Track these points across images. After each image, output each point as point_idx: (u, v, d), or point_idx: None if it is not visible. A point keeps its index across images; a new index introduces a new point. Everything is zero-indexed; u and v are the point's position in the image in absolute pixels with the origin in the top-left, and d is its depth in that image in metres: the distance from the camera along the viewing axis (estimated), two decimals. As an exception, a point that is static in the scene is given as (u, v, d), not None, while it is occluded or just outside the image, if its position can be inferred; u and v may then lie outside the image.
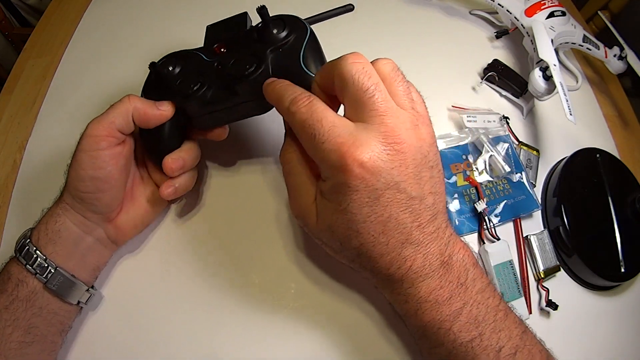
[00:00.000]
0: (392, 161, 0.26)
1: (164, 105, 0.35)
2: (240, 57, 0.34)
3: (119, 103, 0.34)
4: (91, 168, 0.33)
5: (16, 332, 0.31)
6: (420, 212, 0.27)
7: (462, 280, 0.28)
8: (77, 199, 0.34)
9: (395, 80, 0.28)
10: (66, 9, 0.58)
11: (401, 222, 0.27)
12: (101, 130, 0.33)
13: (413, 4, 0.57)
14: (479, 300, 0.28)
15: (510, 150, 0.45)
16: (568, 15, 0.51)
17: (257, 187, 0.42)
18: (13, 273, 0.32)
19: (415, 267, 0.28)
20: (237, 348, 0.36)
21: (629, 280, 0.41)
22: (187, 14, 0.55)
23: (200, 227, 0.41)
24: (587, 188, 0.44)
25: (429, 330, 0.28)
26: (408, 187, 0.26)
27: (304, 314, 0.37)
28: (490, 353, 0.27)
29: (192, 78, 0.35)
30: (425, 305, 0.28)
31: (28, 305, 0.32)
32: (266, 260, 0.39)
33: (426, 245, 0.28)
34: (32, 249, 0.32)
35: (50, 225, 0.34)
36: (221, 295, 0.38)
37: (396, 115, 0.27)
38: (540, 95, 0.44)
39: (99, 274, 0.37)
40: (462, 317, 0.27)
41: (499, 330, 0.28)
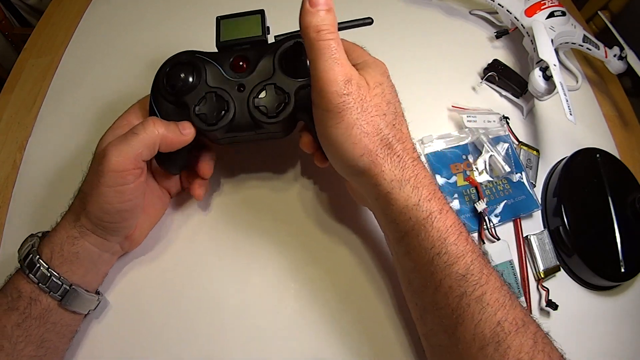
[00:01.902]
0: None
1: (186, 128, 0.34)
2: (267, 90, 0.33)
3: (144, 131, 0.32)
4: (118, 202, 0.32)
5: (28, 347, 0.31)
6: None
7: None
8: (99, 227, 0.33)
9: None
10: (66, 9, 0.58)
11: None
12: (127, 165, 0.31)
13: (413, 4, 0.57)
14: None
15: (510, 150, 0.45)
16: (568, 15, 0.51)
17: (258, 187, 0.42)
18: (24, 291, 0.31)
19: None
20: (237, 348, 0.36)
21: (629, 280, 0.41)
22: (187, 14, 0.55)
23: (200, 228, 0.41)
24: (587, 188, 0.44)
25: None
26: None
27: (304, 314, 0.37)
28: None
29: (214, 102, 0.33)
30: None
31: (41, 322, 0.32)
32: (266, 260, 0.39)
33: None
34: (44, 267, 0.32)
35: (67, 247, 0.33)
36: (221, 296, 0.38)
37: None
38: (540, 95, 0.44)
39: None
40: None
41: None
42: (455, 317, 0.29)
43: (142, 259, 0.39)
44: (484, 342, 0.28)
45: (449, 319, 0.29)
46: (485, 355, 0.28)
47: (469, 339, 0.28)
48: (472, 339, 0.28)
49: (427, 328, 0.32)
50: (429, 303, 0.31)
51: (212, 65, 0.35)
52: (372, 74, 0.32)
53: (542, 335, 0.29)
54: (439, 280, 0.30)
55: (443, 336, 0.30)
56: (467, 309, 0.28)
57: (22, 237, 0.40)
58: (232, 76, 0.34)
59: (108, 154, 0.31)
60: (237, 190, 0.42)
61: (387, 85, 0.33)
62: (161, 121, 0.33)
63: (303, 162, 0.44)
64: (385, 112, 0.31)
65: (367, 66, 0.33)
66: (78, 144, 0.45)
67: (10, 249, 0.40)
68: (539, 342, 0.28)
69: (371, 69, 0.33)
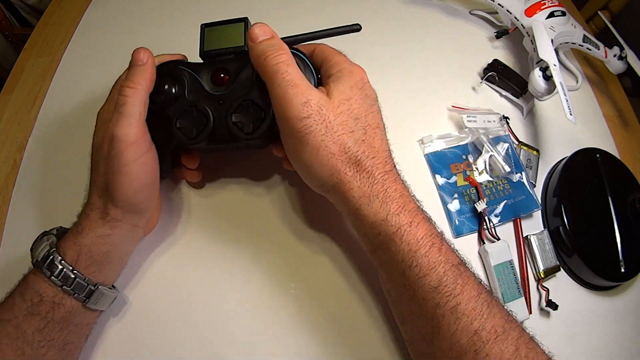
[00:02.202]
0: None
1: (141, 52, 0.34)
2: (244, 105, 0.33)
3: (128, 94, 0.31)
4: (145, 174, 0.32)
5: (51, 351, 0.31)
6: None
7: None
8: (130, 211, 0.33)
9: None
10: (66, 9, 0.58)
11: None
12: (137, 131, 0.31)
13: (413, 4, 0.57)
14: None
15: (510, 150, 0.45)
16: (568, 15, 0.51)
17: (259, 188, 0.42)
18: (46, 295, 0.31)
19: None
20: (237, 348, 0.36)
21: (629, 280, 0.41)
22: (186, 14, 0.55)
23: (200, 228, 0.41)
24: (587, 188, 0.44)
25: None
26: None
27: (304, 314, 0.37)
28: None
29: (194, 116, 0.34)
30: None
31: (64, 325, 0.31)
32: (266, 261, 0.39)
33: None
34: (69, 269, 0.31)
35: (97, 248, 0.32)
36: (221, 295, 0.38)
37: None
38: (540, 95, 0.44)
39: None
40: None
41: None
42: (431, 327, 0.29)
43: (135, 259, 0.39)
44: (461, 351, 0.28)
45: (425, 329, 0.30)
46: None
47: (446, 348, 0.28)
48: (449, 348, 0.28)
49: (408, 335, 0.33)
50: (406, 313, 0.31)
51: (193, 77, 0.35)
52: (341, 88, 0.31)
53: (526, 341, 0.28)
54: (413, 292, 0.30)
55: (422, 344, 0.30)
56: (442, 319, 0.28)
57: (22, 237, 0.40)
58: (213, 89, 0.35)
59: (114, 133, 0.31)
60: (237, 191, 0.42)
61: (356, 99, 0.32)
62: (133, 78, 0.32)
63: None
64: (352, 129, 0.31)
65: (339, 79, 0.32)
66: (78, 144, 0.45)
67: (11, 249, 0.40)
68: (521, 347, 0.28)
69: (342, 82, 0.32)
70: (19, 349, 0.29)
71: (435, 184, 0.43)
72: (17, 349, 0.29)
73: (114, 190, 0.32)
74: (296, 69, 0.31)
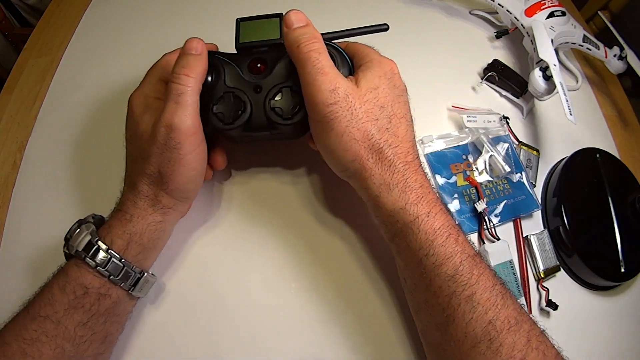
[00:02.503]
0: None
1: (193, 41, 0.33)
2: (283, 92, 0.34)
3: (185, 85, 0.31)
4: (201, 164, 0.33)
5: (92, 346, 0.30)
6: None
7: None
8: (181, 199, 0.34)
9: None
10: (66, 9, 0.58)
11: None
12: (195, 123, 0.31)
13: (413, 4, 0.57)
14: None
15: (510, 150, 0.45)
16: (568, 15, 0.51)
17: (259, 188, 0.42)
18: (92, 287, 0.30)
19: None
20: (237, 348, 0.36)
21: (629, 280, 0.41)
22: (187, 14, 0.55)
23: (200, 228, 0.41)
24: (587, 188, 0.44)
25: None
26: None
27: (304, 314, 0.37)
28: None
29: (232, 102, 0.34)
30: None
31: (108, 317, 0.31)
32: (266, 260, 0.39)
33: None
34: (117, 259, 0.31)
35: (148, 235, 0.32)
36: (221, 295, 0.38)
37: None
38: (540, 95, 0.44)
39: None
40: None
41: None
42: (446, 315, 0.29)
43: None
44: (476, 340, 0.28)
45: (440, 317, 0.30)
46: (478, 352, 0.28)
47: (461, 337, 0.29)
48: (463, 337, 0.28)
49: (422, 324, 0.33)
50: (422, 301, 0.32)
51: (230, 66, 0.35)
52: (369, 77, 0.32)
53: (537, 333, 0.29)
54: (429, 280, 0.30)
55: (436, 333, 0.31)
56: (458, 308, 0.29)
57: (22, 237, 0.40)
58: (250, 77, 0.35)
59: (174, 124, 0.30)
60: (238, 191, 0.42)
61: (383, 88, 0.32)
62: (191, 67, 0.32)
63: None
64: (377, 117, 0.32)
65: (369, 68, 0.33)
66: (78, 144, 0.45)
67: (11, 248, 0.40)
68: (533, 340, 0.28)
69: (371, 71, 0.33)
70: (58, 347, 0.29)
71: (435, 184, 0.43)
72: (56, 347, 0.28)
73: (170, 179, 0.32)
74: (327, 57, 0.31)
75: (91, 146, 0.45)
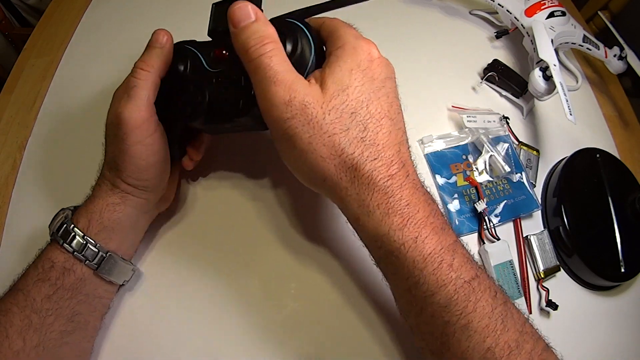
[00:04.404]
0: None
1: (162, 34, 0.34)
2: (236, 81, 0.31)
3: (140, 79, 0.31)
4: (150, 155, 0.33)
5: (58, 320, 0.30)
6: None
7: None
8: (139, 188, 0.34)
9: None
10: (66, 9, 0.58)
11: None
12: (144, 115, 0.31)
13: (413, 4, 0.57)
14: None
15: (510, 150, 0.45)
16: (568, 15, 0.51)
17: (260, 188, 0.42)
18: (57, 261, 0.31)
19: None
20: (237, 348, 0.36)
21: (629, 280, 0.41)
22: (187, 14, 0.55)
23: (200, 228, 0.41)
24: (587, 188, 0.44)
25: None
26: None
27: (304, 314, 0.37)
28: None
29: (192, 93, 0.33)
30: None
31: (73, 293, 0.31)
32: (266, 260, 0.39)
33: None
34: (80, 235, 0.31)
35: (107, 214, 0.33)
36: (221, 295, 0.38)
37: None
38: (540, 95, 0.44)
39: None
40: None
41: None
42: (440, 343, 0.27)
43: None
44: None
45: (434, 345, 0.28)
46: None
47: None
48: None
49: (419, 344, 0.31)
50: (414, 325, 0.30)
51: (195, 55, 0.34)
52: (337, 75, 0.27)
53: (539, 352, 0.27)
54: (420, 308, 0.28)
55: (432, 358, 0.29)
56: (452, 336, 0.27)
57: (22, 237, 0.40)
58: (213, 67, 0.34)
59: (122, 116, 0.31)
60: (238, 191, 0.42)
61: (355, 86, 0.27)
62: (148, 61, 0.32)
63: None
64: (347, 126, 0.27)
65: (337, 60, 0.28)
66: (78, 144, 0.45)
67: (10, 248, 0.40)
68: (535, 359, 0.27)
69: (340, 64, 0.27)
70: (26, 318, 0.29)
71: (435, 184, 0.43)
72: (24, 318, 0.29)
73: (121, 167, 0.32)
74: (281, 60, 0.27)
75: (91, 146, 0.45)
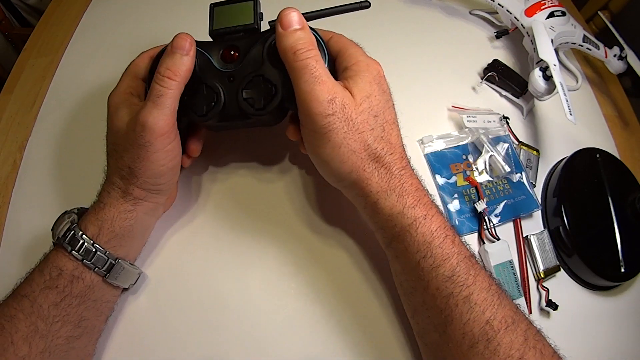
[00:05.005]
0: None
1: (185, 38, 0.33)
2: (255, 81, 0.33)
3: (167, 88, 0.31)
4: (170, 160, 0.33)
5: (65, 327, 0.31)
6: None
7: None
8: (153, 192, 0.34)
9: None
10: (66, 9, 0.58)
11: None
12: (169, 124, 0.32)
13: (413, 4, 0.57)
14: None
15: (510, 150, 0.45)
16: (568, 15, 0.51)
17: (260, 187, 0.42)
18: (66, 268, 0.31)
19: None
20: (237, 348, 0.36)
21: (629, 280, 0.41)
22: (187, 14, 0.55)
23: (200, 227, 0.41)
24: (587, 188, 0.44)
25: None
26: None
27: (304, 314, 0.37)
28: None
29: (204, 93, 0.34)
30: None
31: (82, 300, 0.31)
32: (266, 260, 0.39)
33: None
34: (89, 243, 0.31)
35: (119, 222, 0.33)
36: (220, 295, 0.38)
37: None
38: (540, 95, 0.44)
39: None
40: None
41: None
42: (444, 316, 0.30)
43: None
44: (474, 340, 0.28)
45: (438, 318, 0.30)
46: (476, 353, 0.28)
47: (459, 337, 0.29)
48: (461, 337, 0.29)
49: (419, 327, 0.33)
50: (419, 303, 0.32)
51: (203, 55, 0.35)
52: (360, 85, 0.32)
53: (534, 332, 0.29)
54: (426, 282, 0.30)
55: (434, 335, 0.31)
56: (455, 308, 0.29)
57: (22, 237, 0.40)
58: (223, 67, 0.35)
59: (147, 123, 0.31)
60: (239, 190, 0.42)
61: (375, 95, 0.32)
62: (175, 69, 0.32)
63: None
64: (372, 126, 0.32)
65: (357, 74, 0.32)
66: (78, 144, 0.45)
67: (10, 248, 0.40)
68: (530, 339, 0.28)
69: (360, 77, 0.32)
70: (32, 324, 0.30)
71: (435, 184, 0.43)
72: (30, 324, 0.30)
73: (138, 174, 0.32)
74: (323, 65, 0.31)
75: (91, 146, 0.45)
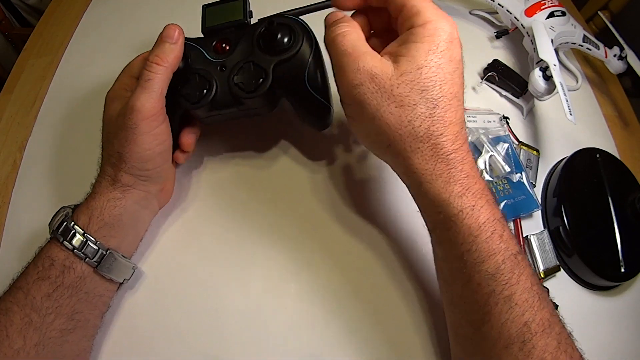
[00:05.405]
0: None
1: (175, 31, 0.34)
2: (245, 67, 0.35)
3: (154, 72, 0.32)
4: (157, 144, 0.33)
5: (58, 319, 0.31)
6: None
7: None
8: (141, 178, 0.34)
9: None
10: (66, 9, 0.58)
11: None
12: (156, 106, 0.32)
13: (413, 4, 0.57)
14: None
15: (510, 150, 0.45)
16: (568, 15, 0.51)
17: (260, 186, 0.42)
18: (57, 259, 0.31)
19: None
20: (237, 348, 0.36)
21: (629, 280, 0.41)
22: (187, 14, 0.55)
23: (200, 227, 0.41)
24: (587, 188, 0.44)
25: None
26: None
27: (304, 314, 0.37)
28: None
29: (197, 82, 0.35)
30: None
31: (74, 291, 0.31)
32: (266, 260, 0.39)
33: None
34: (80, 233, 0.32)
35: (108, 211, 0.33)
36: (220, 295, 0.38)
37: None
38: (540, 95, 0.44)
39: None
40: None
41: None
42: (482, 314, 0.29)
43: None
44: (509, 341, 0.27)
45: (475, 315, 0.29)
46: (509, 353, 0.27)
47: (495, 336, 0.28)
48: (497, 336, 0.28)
49: (454, 317, 0.32)
50: (457, 296, 0.31)
51: (196, 49, 0.36)
52: (413, 53, 0.29)
53: (566, 336, 0.29)
54: (469, 276, 0.29)
55: (469, 329, 0.30)
56: (495, 307, 0.28)
57: (22, 237, 0.40)
58: (215, 57, 0.36)
59: (135, 106, 0.32)
60: (239, 189, 0.42)
61: (431, 67, 0.29)
62: (163, 55, 0.33)
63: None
64: (416, 101, 0.29)
65: (418, 40, 0.29)
66: (78, 144, 0.45)
67: (10, 248, 0.40)
68: (563, 342, 0.28)
69: (419, 45, 0.29)
70: (26, 317, 0.30)
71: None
72: (24, 317, 0.30)
73: (126, 158, 0.33)
74: (353, 38, 0.31)
75: (91, 146, 0.45)
